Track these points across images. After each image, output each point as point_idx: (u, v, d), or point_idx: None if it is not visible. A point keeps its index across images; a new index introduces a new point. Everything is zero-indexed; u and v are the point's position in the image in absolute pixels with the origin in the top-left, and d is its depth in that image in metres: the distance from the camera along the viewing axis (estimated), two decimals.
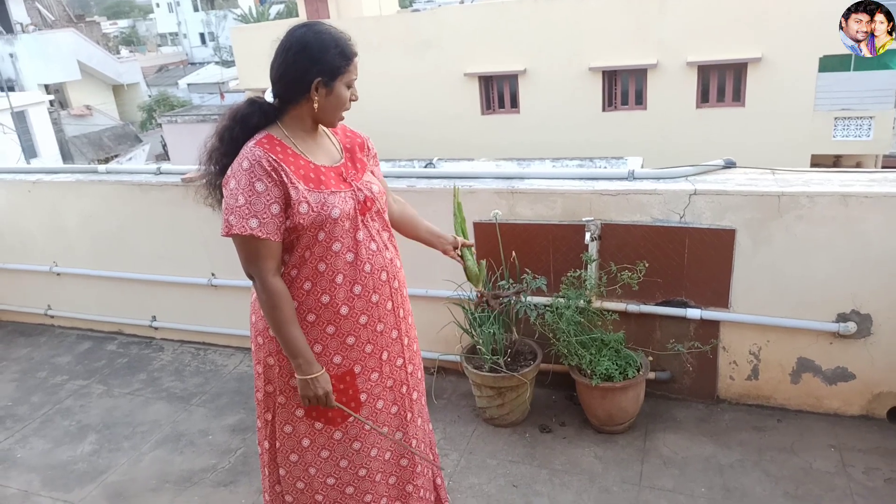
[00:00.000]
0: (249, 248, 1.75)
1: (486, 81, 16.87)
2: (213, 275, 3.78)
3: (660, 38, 14.97)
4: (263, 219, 1.72)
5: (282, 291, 1.78)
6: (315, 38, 1.76)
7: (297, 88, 1.77)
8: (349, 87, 1.82)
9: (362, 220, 1.86)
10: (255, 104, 1.84)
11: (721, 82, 15.33)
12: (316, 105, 1.78)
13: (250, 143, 1.77)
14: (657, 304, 2.96)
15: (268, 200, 1.72)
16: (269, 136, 1.79)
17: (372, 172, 1.98)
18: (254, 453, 2.99)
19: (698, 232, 2.80)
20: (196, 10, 46.28)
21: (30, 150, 20.81)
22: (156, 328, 4.10)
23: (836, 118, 14.95)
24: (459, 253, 2.21)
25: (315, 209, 1.76)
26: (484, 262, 2.40)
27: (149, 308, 4.07)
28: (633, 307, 2.98)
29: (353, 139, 1.98)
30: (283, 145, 1.79)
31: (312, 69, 1.74)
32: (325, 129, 1.93)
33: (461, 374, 3.27)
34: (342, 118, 1.88)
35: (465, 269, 2.24)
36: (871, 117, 14.85)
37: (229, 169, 1.77)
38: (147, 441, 3.15)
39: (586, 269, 2.92)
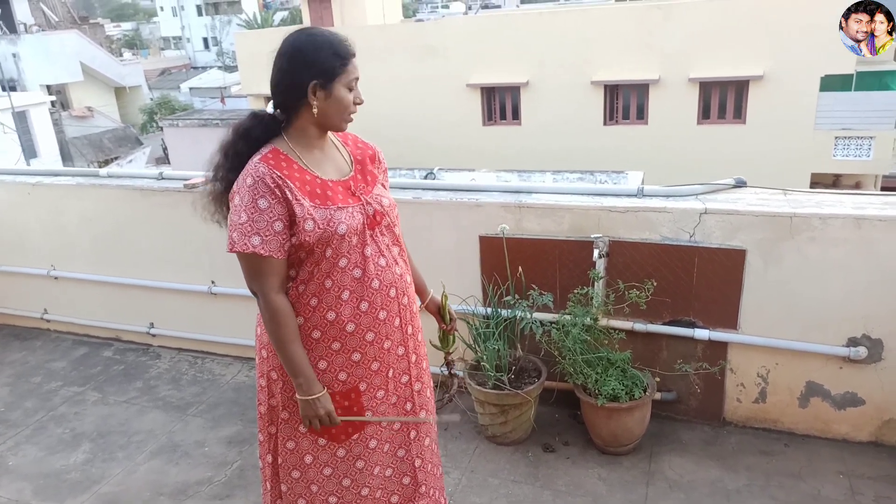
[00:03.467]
0: (252, 266, 1.73)
1: (489, 92, 16.89)
2: (213, 282, 3.73)
3: (662, 54, 15.02)
4: (266, 236, 1.68)
5: (284, 309, 1.75)
6: (308, 41, 1.73)
7: (295, 94, 1.73)
8: (350, 88, 1.75)
9: (371, 235, 1.82)
10: (257, 117, 1.80)
11: (722, 99, 15.37)
12: (316, 110, 1.73)
13: (255, 158, 1.73)
14: (664, 324, 2.92)
15: (271, 218, 1.69)
16: (274, 150, 1.75)
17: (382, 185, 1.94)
18: (250, 467, 2.93)
19: (708, 251, 2.77)
20: (200, 14, 46.46)
21: (30, 151, 20.75)
22: (153, 335, 4.04)
23: (836, 137, 14.99)
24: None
25: (321, 226, 1.72)
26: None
27: (147, 314, 4.02)
28: (640, 326, 2.93)
29: (365, 150, 1.93)
30: (288, 160, 1.75)
31: (307, 72, 1.71)
32: (334, 140, 1.88)
33: (463, 389, 3.21)
34: (349, 121, 1.81)
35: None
36: (871, 137, 14.89)
37: (235, 184, 1.74)
38: (142, 451, 3.09)
39: (593, 286, 2.88)
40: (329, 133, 1.86)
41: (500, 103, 16.98)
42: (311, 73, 1.71)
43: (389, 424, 1.96)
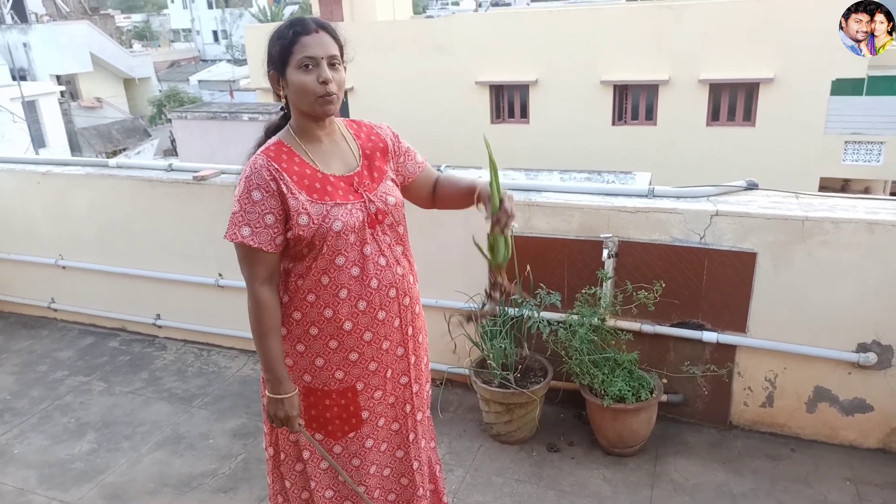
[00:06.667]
0: (242, 255, 1.74)
1: (497, 90, 16.86)
2: (220, 275, 3.73)
3: (672, 55, 14.96)
4: (256, 228, 1.68)
5: (267, 302, 1.75)
6: (271, 33, 1.75)
7: (273, 89, 1.77)
8: (306, 68, 1.66)
9: (372, 234, 1.78)
10: (280, 113, 1.85)
11: (732, 101, 15.30)
12: (283, 100, 1.77)
13: (258, 151, 1.75)
14: (672, 326, 2.91)
15: (262, 210, 1.68)
16: (278, 142, 1.75)
17: (397, 173, 1.91)
18: (255, 460, 2.93)
19: (718, 254, 2.75)
20: (210, 7, 46.52)
21: (39, 140, 20.84)
22: (159, 326, 4.04)
23: (846, 142, 14.93)
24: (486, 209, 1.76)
25: (316, 221, 1.70)
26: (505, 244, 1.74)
27: (153, 306, 4.02)
28: (648, 327, 2.92)
29: (376, 143, 1.88)
30: (290, 152, 1.74)
31: (267, 65, 1.75)
32: (344, 132, 1.85)
33: (468, 386, 3.21)
34: (325, 104, 1.68)
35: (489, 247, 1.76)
36: (881, 142, 14.82)
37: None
38: (147, 442, 3.10)
39: (602, 286, 2.87)
40: (337, 124, 1.83)
41: (509, 101, 16.96)
42: (267, 64, 1.75)
43: (387, 424, 1.94)
